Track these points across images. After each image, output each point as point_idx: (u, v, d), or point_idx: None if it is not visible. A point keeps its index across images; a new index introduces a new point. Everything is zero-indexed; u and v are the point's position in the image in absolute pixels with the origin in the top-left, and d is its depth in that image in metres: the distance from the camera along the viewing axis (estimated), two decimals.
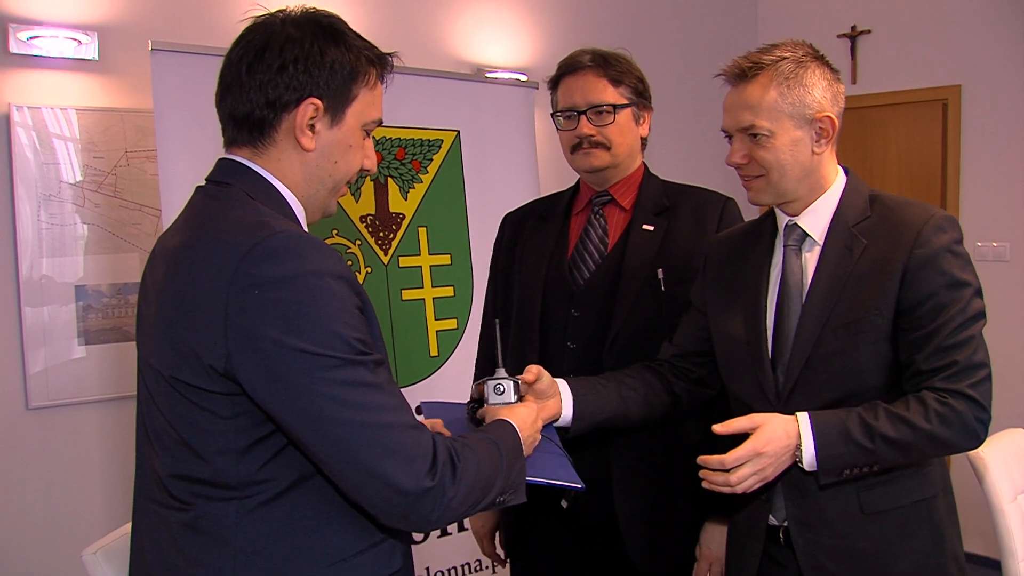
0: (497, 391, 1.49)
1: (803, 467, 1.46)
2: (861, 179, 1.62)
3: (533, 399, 1.55)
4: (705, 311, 1.74)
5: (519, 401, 1.52)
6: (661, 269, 1.84)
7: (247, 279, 1.08)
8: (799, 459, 1.45)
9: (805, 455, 1.44)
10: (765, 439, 1.44)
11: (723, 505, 1.75)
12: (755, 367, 1.58)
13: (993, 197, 4.11)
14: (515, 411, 1.41)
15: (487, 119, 3.21)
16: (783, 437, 1.45)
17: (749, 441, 1.44)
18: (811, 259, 1.57)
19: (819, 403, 1.51)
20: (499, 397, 1.49)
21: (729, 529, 1.74)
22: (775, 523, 1.59)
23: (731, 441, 1.46)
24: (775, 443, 1.44)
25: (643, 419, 1.74)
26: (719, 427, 1.48)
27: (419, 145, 3.05)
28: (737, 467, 1.43)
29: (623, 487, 1.84)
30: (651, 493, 1.85)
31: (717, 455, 1.45)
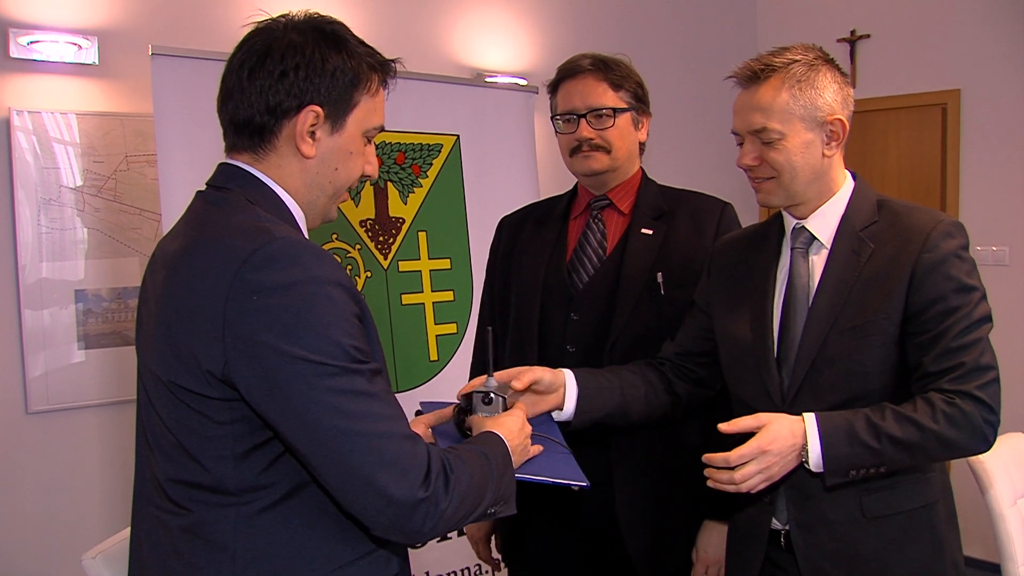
0: (485, 402, 1.46)
1: (809, 468, 1.45)
2: (869, 184, 1.62)
3: (523, 405, 1.52)
4: (709, 312, 1.74)
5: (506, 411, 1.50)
6: (660, 273, 1.85)
7: (246, 285, 1.08)
8: (805, 460, 1.45)
9: (811, 455, 1.43)
10: (770, 437, 1.43)
11: (725, 507, 1.75)
12: (760, 369, 1.58)
13: (992, 201, 4.12)
14: (501, 422, 1.39)
15: (487, 123, 3.22)
16: (789, 436, 1.44)
17: (754, 439, 1.43)
18: (818, 262, 1.57)
19: (824, 406, 1.51)
20: (487, 408, 1.46)
21: (730, 532, 1.73)
22: (777, 527, 1.59)
23: (734, 442, 1.45)
24: (780, 442, 1.43)
25: (642, 418, 1.74)
26: (724, 426, 1.47)
27: (419, 149, 3.05)
28: (741, 465, 1.43)
29: (624, 490, 1.84)
30: (652, 496, 1.85)
31: (722, 453, 1.44)
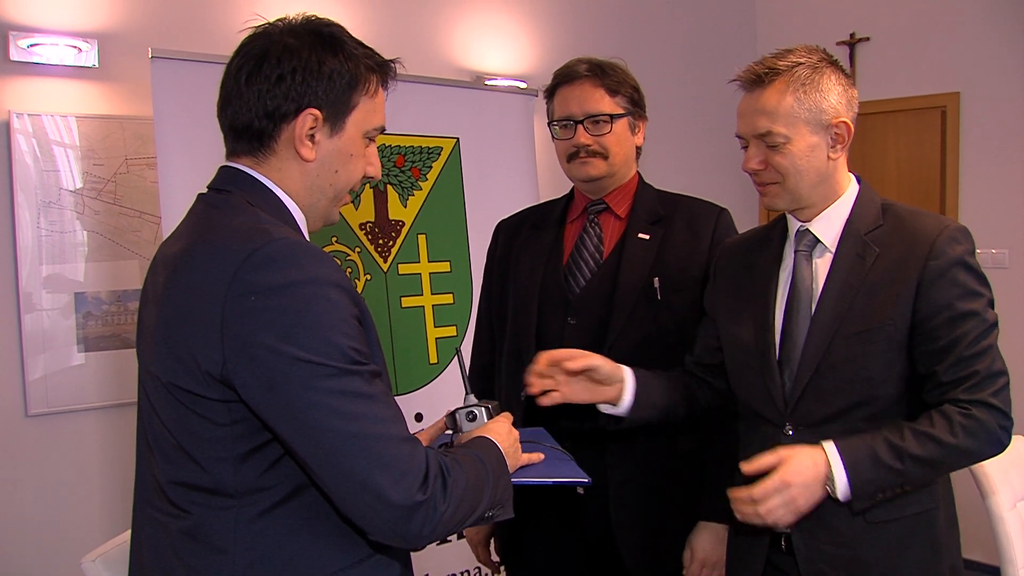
0: (469, 418, 1.45)
1: (837, 497, 1.44)
2: (873, 187, 1.61)
3: (508, 414, 1.47)
4: (716, 317, 1.73)
5: None
6: (657, 278, 1.84)
7: (244, 285, 1.08)
8: (831, 489, 1.44)
9: (838, 484, 1.42)
10: (793, 470, 1.42)
11: (723, 509, 1.75)
12: (763, 372, 1.58)
13: (991, 204, 4.12)
14: (488, 427, 1.38)
15: (486, 126, 3.22)
16: (811, 467, 1.43)
17: (776, 472, 1.42)
18: (821, 265, 1.57)
19: (828, 411, 1.51)
20: (472, 424, 1.44)
21: (731, 534, 1.73)
22: (778, 529, 1.58)
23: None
24: (804, 474, 1.42)
25: (683, 422, 1.74)
26: (746, 466, 1.46)
27: (418, 152, 3.05)
28: (765, 499, 1.42)
29: (619, 494, 1.84)
30: (647, 500, 1.85)
31: (747, 488, 1.44)
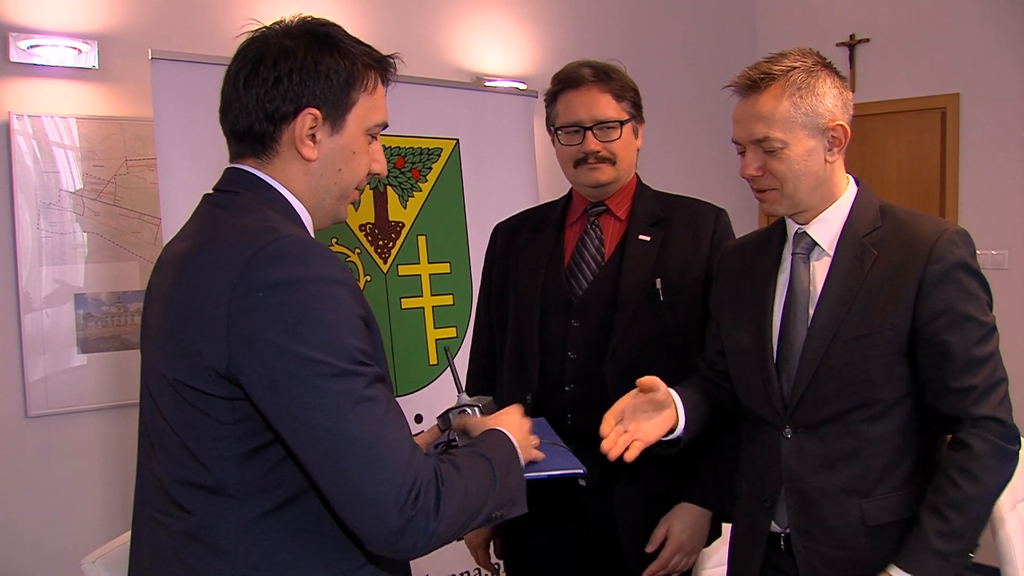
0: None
1: None
2: (871, 190, 1.60)
3: (519, 405, 1.46)
4: (719, 320, 1.73)
5: None
6: (659, 280, 1.84)
7: (251, 282, 1.08)
8: None
9: None
10: None
11: (713, 498, 1.79)
12: (761, 374, 1.57)
13: (991, 205, 4.12)
14: (501, 419, 1.36)
15: (486, 128, 3.22)
16: None
17: None
18: (819, 268, 1.56)
19: (827, 413, 1.50)
20: None
21: (731, 535, 1.74)
22: (777, 530, 1.59)
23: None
24: None
25: (716, 430, 1.72)
26: None
27: (418, 154, 3.05)
28: None
29: (624, 494, 1.84)
30: (650, 498, 1.85)
31: None
